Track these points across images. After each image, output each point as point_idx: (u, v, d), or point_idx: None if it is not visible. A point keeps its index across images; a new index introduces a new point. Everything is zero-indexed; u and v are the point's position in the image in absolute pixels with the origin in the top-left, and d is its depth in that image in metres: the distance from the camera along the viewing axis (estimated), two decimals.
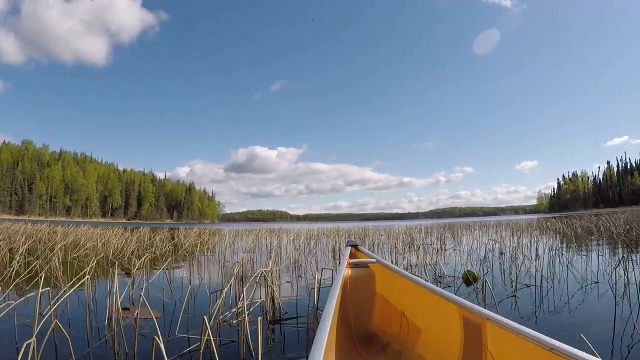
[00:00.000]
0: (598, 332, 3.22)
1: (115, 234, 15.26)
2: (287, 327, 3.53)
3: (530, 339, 1.62)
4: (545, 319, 3.67)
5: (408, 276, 2.89)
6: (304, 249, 11.41)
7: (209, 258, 9.94)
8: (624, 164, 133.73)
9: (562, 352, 1.47)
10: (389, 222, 61.36)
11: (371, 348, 2.87)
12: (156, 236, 14.51)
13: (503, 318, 1.84)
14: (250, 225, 42.85)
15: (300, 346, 3.06)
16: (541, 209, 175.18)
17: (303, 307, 4.16)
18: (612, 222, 18.85)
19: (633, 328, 3.24)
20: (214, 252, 11.62)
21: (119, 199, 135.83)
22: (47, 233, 15.36)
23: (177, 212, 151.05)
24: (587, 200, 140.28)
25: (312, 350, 1.41)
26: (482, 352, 1.98)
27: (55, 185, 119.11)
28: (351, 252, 3.81)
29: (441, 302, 2.38)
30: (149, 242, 13.00)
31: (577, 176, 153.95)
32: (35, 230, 16.24)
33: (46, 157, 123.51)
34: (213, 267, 8.12)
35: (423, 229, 20.06)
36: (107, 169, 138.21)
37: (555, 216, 60.02)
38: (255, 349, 2.82)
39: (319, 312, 3.64)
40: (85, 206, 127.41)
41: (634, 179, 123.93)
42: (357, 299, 3.21)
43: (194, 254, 11.18)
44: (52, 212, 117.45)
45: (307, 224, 64.79)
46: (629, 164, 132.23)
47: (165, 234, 16.59)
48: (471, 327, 2.09)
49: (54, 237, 13.88)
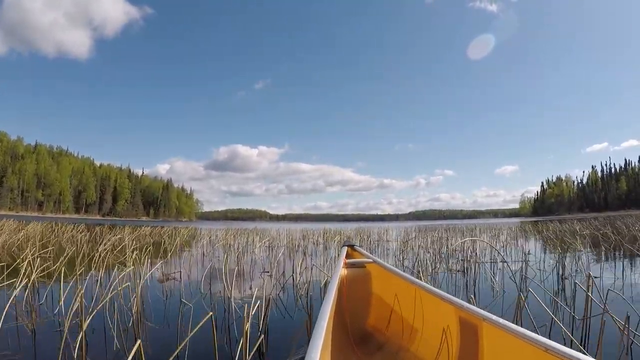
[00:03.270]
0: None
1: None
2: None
3: (526, 340, 1.64)
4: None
5: (404, 276, 2.90)
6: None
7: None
8: (609, 168, 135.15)
9: (558, 352, 1.49)
10: (370, 223, 60.66)
11: (367, 348, 2.88)
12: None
13: (499, 318, 1.86)
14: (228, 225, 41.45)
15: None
16: (524, 212, 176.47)
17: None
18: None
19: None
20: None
21: (93, 194, 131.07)
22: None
23: (153, 210, 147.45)
24: (572, 204, 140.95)
25: (308, 350, 1.41)
26: (478, 353, 2.00)
27: (27, 179, 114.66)
28: (347, 252, 3.78)
29: (438, 302, 2.38)
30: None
31: (561, 180, 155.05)
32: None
33: (20, 150, 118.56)
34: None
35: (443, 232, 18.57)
36: (82, 163, 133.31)
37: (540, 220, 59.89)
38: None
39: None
40: (58, 201, 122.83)
41: (619, 184, 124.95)
42: (354, 299, 3.21)
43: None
44: (23, 207, 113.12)
45: (287, 223, 64.49)
46: (613, 169, 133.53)
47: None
48: (467, 327, 2.09)
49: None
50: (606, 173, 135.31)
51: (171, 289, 5.56)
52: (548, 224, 26.70)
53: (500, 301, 4.77)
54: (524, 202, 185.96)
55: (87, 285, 4.92)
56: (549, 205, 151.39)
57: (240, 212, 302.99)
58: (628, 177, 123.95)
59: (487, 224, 34.29)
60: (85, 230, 15.57)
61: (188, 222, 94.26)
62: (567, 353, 1.45)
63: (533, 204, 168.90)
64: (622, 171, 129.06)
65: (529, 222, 45.84)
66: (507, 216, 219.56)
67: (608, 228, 16.80)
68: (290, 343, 3.14)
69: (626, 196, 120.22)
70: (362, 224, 52.58)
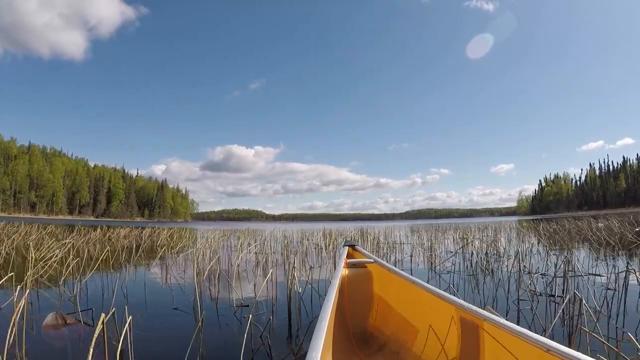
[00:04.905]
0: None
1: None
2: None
3: (527, 340, 1.63)
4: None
5: (405, 276, 2.87)
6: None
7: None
8: (607, 166, 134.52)
9: (559, 353, 1.47)
10: (367, 222, 59.92)
11: (368, 348, 2.84)
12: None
13: (500, 319, 1.84)
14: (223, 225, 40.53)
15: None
16: (521, 210, 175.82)
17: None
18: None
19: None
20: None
21: (87, 195, 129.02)
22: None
23: (148, 210, 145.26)
24: (571, 202, 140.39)
25: (309, 350, 1.39)
26: (479, 353, 1.98)
27: (19, 180, 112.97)
28: (348, 252, 3.70)
29: (439, 303, 2.35)
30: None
31: (559, 178, 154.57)
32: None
33: (14, 151, 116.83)
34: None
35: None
36: (76, 164, 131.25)
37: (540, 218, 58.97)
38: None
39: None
40: (51, 202, 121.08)
41: (618, 182, 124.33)
42: (355, 299, 3.16)
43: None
44: (16, 208, 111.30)
45: (283, 223, 63.47)
46: (611, 167, 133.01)
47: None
48: (468, 327, 2.08)
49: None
50: (604, 171, 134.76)
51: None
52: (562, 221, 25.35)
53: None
54: (522, 200, 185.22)
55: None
56: (547, 203, 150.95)
57: (236, 212, 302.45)
58: (627, 174, 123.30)
59: (489, 223, 33.25)
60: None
61: (183, 223, 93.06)
62: (568, 353, 1.44)
63: (531, 202, 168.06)
64: (621, 169, 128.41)
65: (530, 220, 44.88)
66: (503, 214, 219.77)
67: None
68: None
69: (625, 194, 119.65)
70: (359, 223, 51.87)
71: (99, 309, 4.01)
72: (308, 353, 1.35)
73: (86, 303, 4.34)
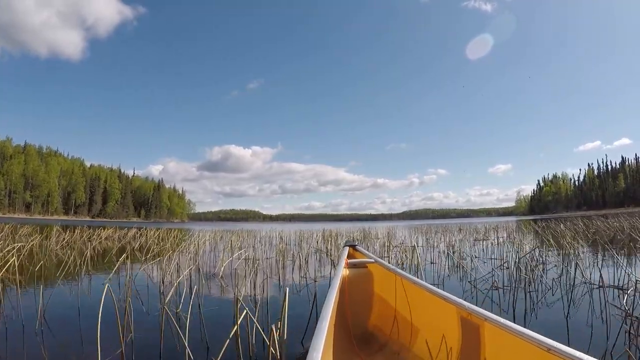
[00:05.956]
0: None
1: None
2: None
3: (528, 340, 1.62)
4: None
5: (406, 276, 2.86)
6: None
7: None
8: (605, 166, 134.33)
9: (560, 352, 1.46)
10: (364, 223, 59.41)
11: (369, 348, 2.84)
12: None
13: (501, 318, 1.82)
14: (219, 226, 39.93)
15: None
16: (519, 211, 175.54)
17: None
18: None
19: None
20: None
21: (82, 195, 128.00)
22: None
23: (144, 211, 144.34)
24: (570, 202, 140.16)
25: (309, 351, 1.38)
26: (480, 353, 1.97)
27: (14, 180, 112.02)
28: (349, 253, 3.69)
29: (439, 303, 2.35)
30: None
31: (558, 178, 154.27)
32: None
33: (9, 151, 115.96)
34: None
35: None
36: (72, 163, 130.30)
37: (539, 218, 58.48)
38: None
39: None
40: (46, 202, 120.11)
41: (617, 182, 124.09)
42: (355, 299, 3.16)
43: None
44: (10, 209, 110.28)
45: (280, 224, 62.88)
46: (609, 167, 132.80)
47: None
48: (469, 327, 2.07)
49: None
50: (603, 171, 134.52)
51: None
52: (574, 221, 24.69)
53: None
54: (520, 200, 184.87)
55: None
56: (545, 203, 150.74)
57: (233, 212, 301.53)
58: (626, 174, 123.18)
59: (489, 223, 32.76)
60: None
61: (179, 224, 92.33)
62: (569, 353, 1.43)
63: (529, 202, 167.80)
64: (619, 169, 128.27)
65: (529, 220, 44.36)
66: (500, 215, 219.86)
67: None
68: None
69: (624, 193, 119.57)
70: (357, 223, 51.46)
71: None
72: (309, 353, 1.34)
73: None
